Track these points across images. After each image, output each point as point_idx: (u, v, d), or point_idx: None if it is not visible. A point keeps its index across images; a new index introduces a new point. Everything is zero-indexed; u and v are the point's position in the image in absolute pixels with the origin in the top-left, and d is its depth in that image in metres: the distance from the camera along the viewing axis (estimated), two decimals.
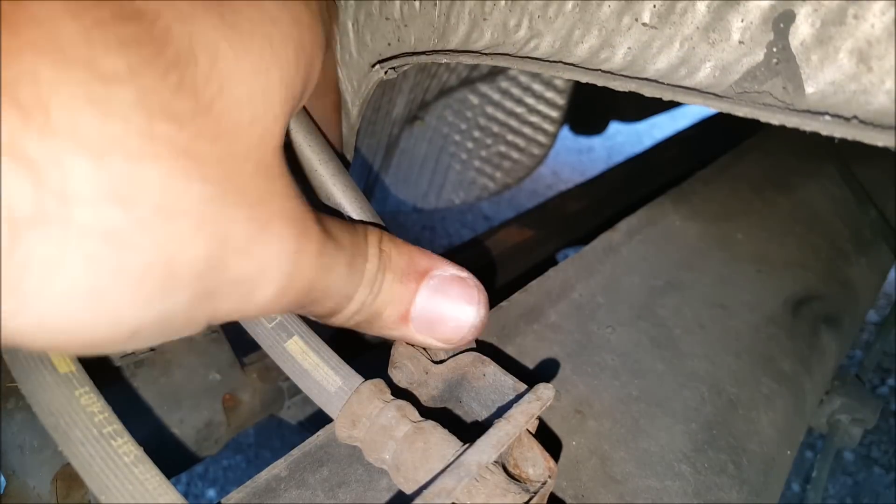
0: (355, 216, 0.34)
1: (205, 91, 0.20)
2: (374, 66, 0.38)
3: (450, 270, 0.29)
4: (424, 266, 0.29)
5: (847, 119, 0.23)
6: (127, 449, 0.26)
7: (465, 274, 0.30)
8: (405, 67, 0.38)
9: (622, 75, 0.28)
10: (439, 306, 0.29)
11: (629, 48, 0.27)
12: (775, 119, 0.24)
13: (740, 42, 0.24)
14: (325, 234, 0.25)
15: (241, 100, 0.21)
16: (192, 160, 0.19)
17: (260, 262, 0.22)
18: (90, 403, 0.27)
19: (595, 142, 2.97)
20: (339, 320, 0.28)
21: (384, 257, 0.28)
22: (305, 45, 0.24)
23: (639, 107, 1.43)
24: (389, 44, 0.36)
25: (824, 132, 0.23)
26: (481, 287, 0.30)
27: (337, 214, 0.33)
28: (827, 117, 0.23)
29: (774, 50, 0.23)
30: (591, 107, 1.40)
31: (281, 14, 0.23)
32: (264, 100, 0.22)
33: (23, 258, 0.17)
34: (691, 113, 2.27)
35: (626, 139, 3.00)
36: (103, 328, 0.20)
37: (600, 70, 0.28)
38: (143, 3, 0.19)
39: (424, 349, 0.35)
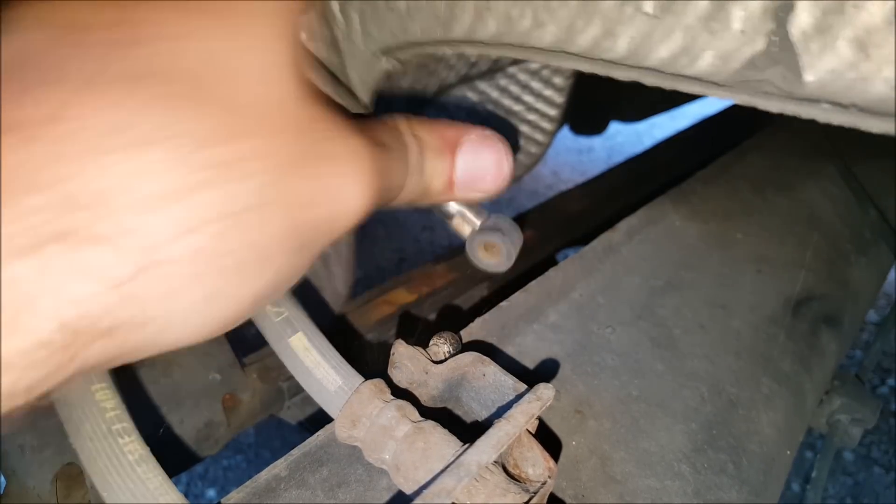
0: None
1: (217, 96, 0.21)
2: (379, 57, 0.38)
3: (475, 132, 0.33)
4: (453, 136, 0.33)
5: (845, 107, 0.23)
6: (132, 447, 0.27)
7: (489, 132, 0.34)
8: (410, 58, 0.38)
9: (624, 65, 0.28)
10: (476, 166, 0.33)
11: (631, 37, 0.27)
12: (775, 107, 0.24)
13: (741, 31, 0.24)
14: (374, 147, 0.27)
15: (248, 80, 0.22)
16: (233, 166, 0.21)
17: (328, 205, 0.25)
18: (105, 399, 0.27)
19: (595, 142, 2.97)
20: (397, 203, 0.31)
21: (420, 142, 0.31)
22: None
23: (639, 107, 1.43)
24: (394, 34, 0.37)
25: (823, 119, 0.24)
26: (504, 140, 0.34)
27: None
28: (826, 105, 0.23)
29: (775, 39, 0.23)
30: (592, 107, 1.40)
31: None
32: (269, 65, 0.23)
33: (140, 309, 0.20)
34: (691, 113, 2.27)
35: (626, 139, 3.00)
36: (230, 312, 0.24)
37: (602, 59, 0.29)
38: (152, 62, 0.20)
39: (424, 349, 0.35)
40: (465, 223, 0.40)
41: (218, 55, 0.22)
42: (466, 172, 0.33)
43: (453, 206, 0.39)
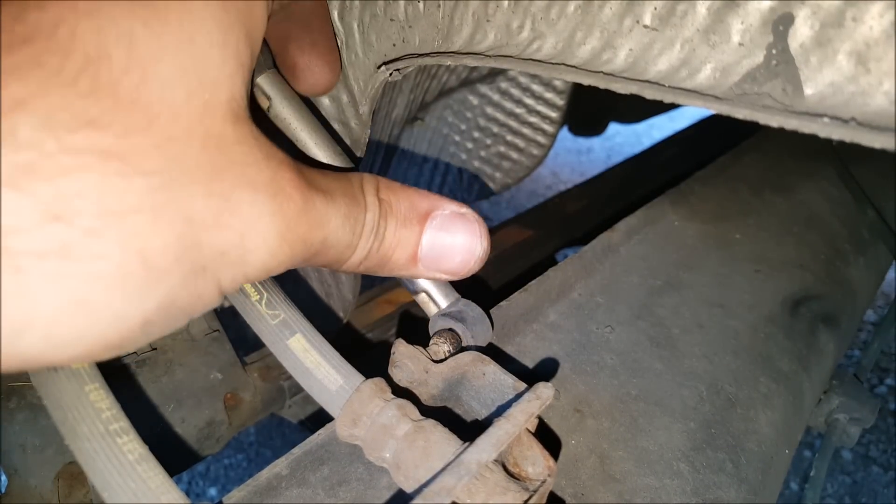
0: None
1: (125, 83, 0.19)
2: (379, 67, 0.38)
3: (450, 208, 0.31)
4: (426, 207, 0.30)
5: (845, 121, 0.23)
6: (132, 447, 0.27)
7: (464, 209, 0.31)
8: (410, 69, 0.38)
9: (624, 77, 0.28)
10: (445, 243, 0.30)
11: (631, 50, 0.27)
12: (775, 121, 0.25)
13: (740, 44, 0.24)
14: (309, 190, 0.25)
15: (169, 79, 0.21)
16: (125, 158, 0.19)
17: (238, 231, 0.22)
18: (99, 400, 0.27)
19: (594, 143, 2.97)
20: (349, 267, 0.29)
21: (384, 205, 0.28)
22: None
23: (637, 108, 1.44)
24: (394, 45, 0.37)
25: (823, 134, 0.24)
26: (481, 220, 0.32)
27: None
28: (826, 119, 0.23)
29: (774, 52, 0.24)
30: (591, 108, 1.40)
31: None
32: (197, 71, 0.21)
33: None
34: (690, 114, 2.27)
35: (625, 140, 3.00)
36: (111, 330, 0.20)
37: (602, 72, 0.29)
38: (40, 14, 0.18)
39: (424, 348, 0.35)
40: (431, 303, 0.38)
41: (137, 44, 0.20)
42: (434, 249, 0.30)
43: (421, 282, 0.37)
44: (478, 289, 0.86)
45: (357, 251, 0.28)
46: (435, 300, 0.38)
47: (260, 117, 0.36)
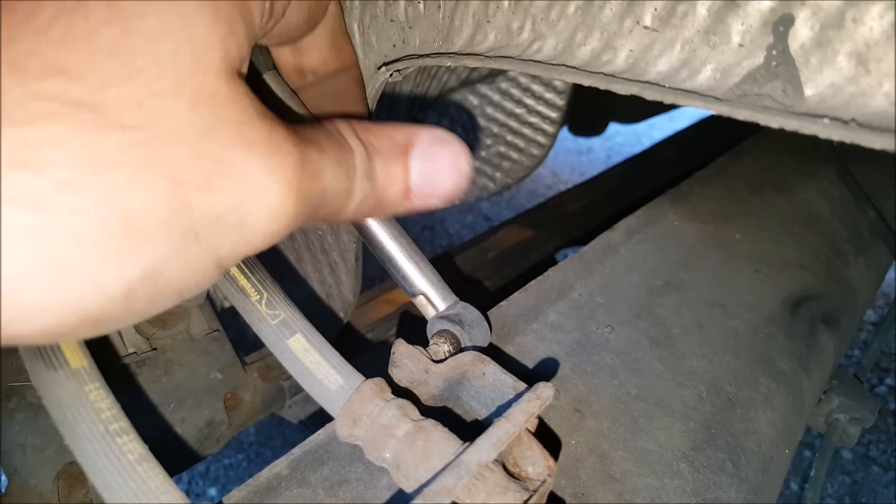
0: None
1: (104, 34, 0.19)
2: (379, 67, 0.38)
3: (427, 133, 0.30)
4: (404, 139, 0.29)
5: (846, 122, 0.23)
6: (131, 447, 0.27)
7: (441, 131, 0.31)
8: (409, 70, 0.38)
9: (624, 78, 0.28)
10: (433, 170, 0.30)
11: (631, 50, 0.27)
12: (775, 122, 0.24)
13: (740, 45, 0.24)
14: (302, 143, 0.24)
15: (154, 34, 0.19)
16: (101, 110, 0.18)
17: (233, 194, 0.21)
18: (99, 399, 0.27)
19: (594, 143, 2.97)
20: (347, 215, 0.28)
21: (367, 145, 0.28)
22: None
23: (637, 108, 1.44)
24: (394, 45, 0.37)
25: (823, 135, 0.24)
26: (458, 138, 0.31)
27: None
28: (826, 120, 0.23)
29: (774, 53, 0.24)
30: (591, 108, 1.40)
31: None
32: (185, 29, 0.20)
33: None
34: (690, 114, 2.27)
35: (625, 140, 3.00)
36: (88, 299, 0.19)
37: (602, 73, 0.29)
38: None
39: (424, 348, 0.35)
40: (429, 305, 0.37)
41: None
42: (423, 176, 0.30)
43: (419, 285, 0.37)
44: (478, 289, 0.87)
45: (353, 196, 0.27)
46: (433, 303, 0.38)
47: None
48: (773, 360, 0.48)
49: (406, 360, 0.35)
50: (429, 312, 0.38)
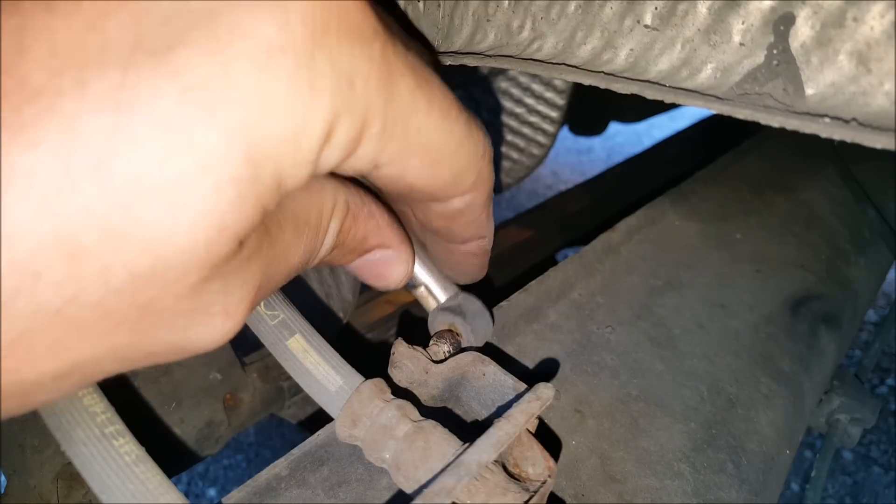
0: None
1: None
2: None
3: (387, 253, 0.31)
4: (373, 244, 0.30)
5: (846, 121, 0.23)
6: (128, 448, 0.26)
7: (401, 255, 0.31)
8: None
9: (624, 77, 0.28)
10: (365, 274, 0.31)
11: (631, 49, 0.27)
12: (776, 121, 0.24)
13: (741, 44, 0.24)
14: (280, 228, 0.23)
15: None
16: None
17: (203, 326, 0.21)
18: (93, 403, 0.27)
19: (594, 142, 2.97)
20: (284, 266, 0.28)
21: (340, 237, 0.28)
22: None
23: (638, 107, 1.43)
24: None
25: (824, 135, 0.24)
26: (409, 260, 0.32)
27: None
28: (827, 119, 0.23)
29: (775, 52, 0.23)
30: (591, 107, 1.40)
31: None
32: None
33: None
34: (690, 113, 2.27)
35: (626, 139, 3.00)
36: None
37: (603, 72, 0.29)
38: None
39: (424, 349, 0.35)
40: (430, 297, 0.37)
41: None
42: (355, 270, 0.31)
43: (420, 277, 0.37)
44: (478, 288, 0.86)
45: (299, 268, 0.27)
46: (434, 294, 0.37)
47: None
48: (774, 360, 0.48)
49: (406, 361, 0.34)
50: (429, 304, 0.38)
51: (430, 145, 0.24)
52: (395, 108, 0.21)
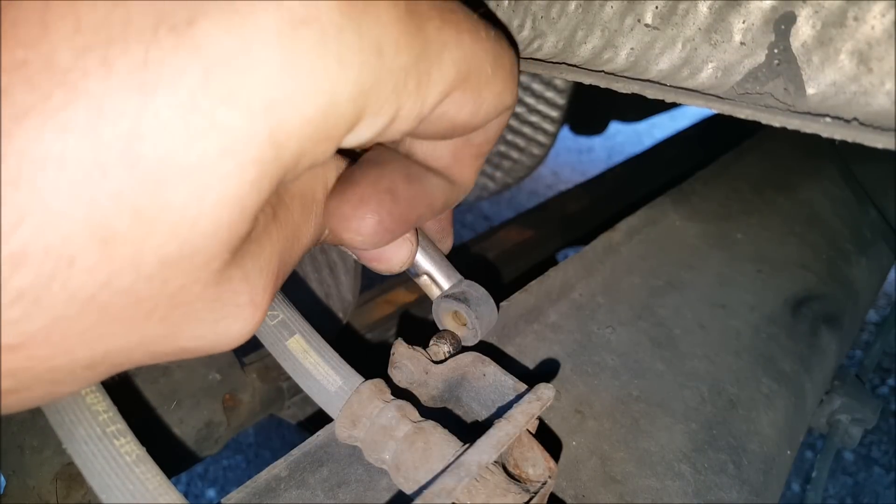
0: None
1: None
2: None
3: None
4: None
5: (847, 121, 0.23)
6: (129, 448, 0.26)
7: (405, 236, 0.31)
8: None
9: (625, 77, 0.28)
10: (367, 256, 0.31)
11: (632, 49, 0.27)
12: (777, 121, 0.24)
13: (742, 43, 0.24)
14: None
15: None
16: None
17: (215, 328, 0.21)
18: (95, 402, 0.27)
19: (595, 142, 2.97)
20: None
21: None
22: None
23: (639, 107, 1.43)
24: None
25: (825, 134, 0.23)
26: (413, 241, 0.31)
27: None
28: (828, 119, 0.23)
29: (776, 51, 0.23)
30: (591, 107, 1.40)
31: None
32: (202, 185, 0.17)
33: None
34: (691, 113, 2.27)
35: (626, 139, 3.00)
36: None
37: (603, 71, 0.29)
38: None
39: (424, 349, 0.35)
40: (433, 285, 0.37)
41: None
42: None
43: (423, 265, 0.36)
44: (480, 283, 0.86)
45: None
46: (437, 282, 0.37)
47: None
48: (774, 360, 0.48)
49: (406, 361, 0.34)
50: (433, 292, 0.37)
51: (468, 74, 0.23)
52: (428, 56, 0.21)
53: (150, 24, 0.15)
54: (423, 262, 0.36)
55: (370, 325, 0.79)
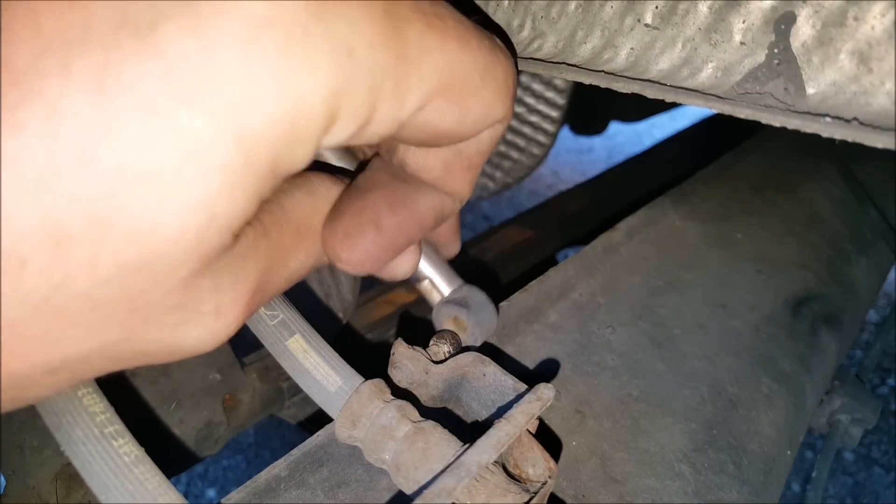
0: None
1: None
2: None
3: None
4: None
5: (847, 121, 0.23)
6: (128, 449, 0.26)
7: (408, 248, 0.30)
8: None
9: (625, 76, 0.28)
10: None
11: (632, 48, 0.27)
12: (777, 121, 0.24)
13: (742, 43, 0.24)
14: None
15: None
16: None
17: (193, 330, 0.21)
18: (92, 404, 0.27)
19: (595, 142, 2.97)
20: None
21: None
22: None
23: (639, 107, 1.43)
24: None
25: (825, 134, 0.23)
26: (415, 252, 0.31)
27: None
28: (828, 119, 0.23)
29: (776, 51, 0.23)
30: (591, 107, 1.40)
31: None
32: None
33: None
34: (691, 113, 2.27)
35: (626, 139, 3.00)
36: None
37: (603, 71, 0.29)
38: None
39: (424, 349, 0.35)
40: (434, 290, 0.37)
41: None
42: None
43: (424, 270, 0.36)
44: (480, 285, 0.86)
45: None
46: (438, 287, 0.37)
47: None
48: (774, 360, 0.48)
49: (406, 361, 0.34)
50: (434, 298, 0.37)
51: (452, 82, 0.22)
52: (407, 59, 0.20)
53: (111, 28, 0.15)
54: (425, 267, 0.36)
55: (370, 325, 0.78)
